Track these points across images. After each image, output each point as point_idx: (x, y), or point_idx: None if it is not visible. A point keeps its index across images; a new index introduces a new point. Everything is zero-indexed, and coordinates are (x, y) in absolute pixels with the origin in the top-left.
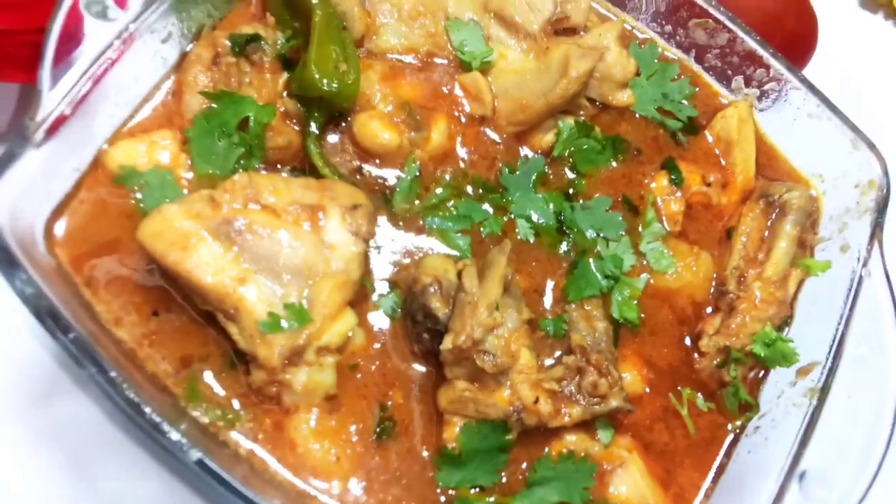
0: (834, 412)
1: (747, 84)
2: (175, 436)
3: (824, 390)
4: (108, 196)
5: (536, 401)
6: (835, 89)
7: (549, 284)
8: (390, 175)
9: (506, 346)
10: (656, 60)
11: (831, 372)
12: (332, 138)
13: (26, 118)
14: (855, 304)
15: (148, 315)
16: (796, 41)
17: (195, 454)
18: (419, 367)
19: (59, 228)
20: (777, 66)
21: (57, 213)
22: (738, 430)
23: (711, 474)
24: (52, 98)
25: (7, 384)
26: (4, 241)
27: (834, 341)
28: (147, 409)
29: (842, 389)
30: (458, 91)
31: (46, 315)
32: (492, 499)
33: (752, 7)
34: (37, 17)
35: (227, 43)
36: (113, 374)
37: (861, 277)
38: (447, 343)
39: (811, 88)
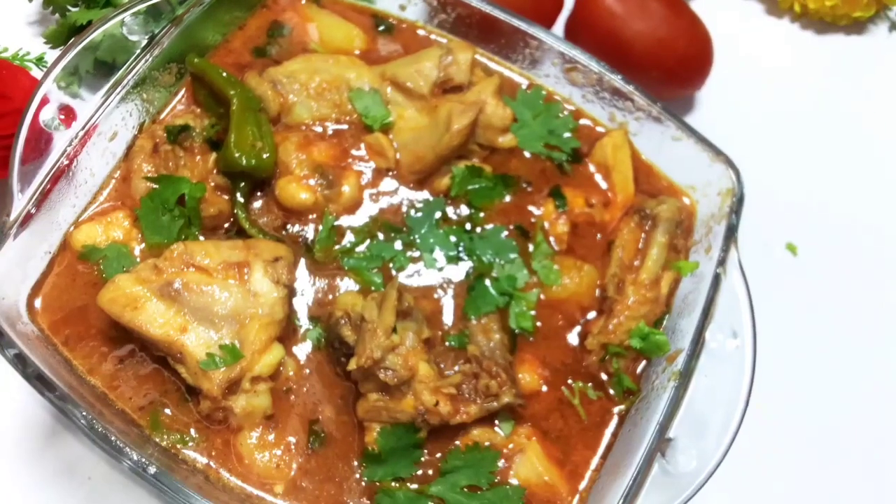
0: (697, 394)
1: (620, 114)
2: (135, 456)
3: (685, 374)
4: (75, 271)
5: (436, 404)
6: (740, 95)
7: (452, 306)
8: (310, 228)
9: (404, 362)
10: (541, 102)
11: (691, 357)
12: (258, 203)
13: (3, 216)
14: (714, 299)
15: (115, 363)
16: (690, 62)
17: (152, 469)
18: (343, 386)
19: (38, 301)
20: (639, 99)
21: (35, 289)
22: (623, 413)
23: (601, 452)
24: (23, 198)
25: (12, 435)
26: None
27: (697, 332)
28: (112, 438)
29: (704, 373)
30: (364, 150)
31: (34, 378)
32: (414, 486)
33: (644, 34)
34: (9, 125)
35: (163, 134)
36: (85, 413)
37: (718, 275)
38: (352, 364)
39: (670, 115)
